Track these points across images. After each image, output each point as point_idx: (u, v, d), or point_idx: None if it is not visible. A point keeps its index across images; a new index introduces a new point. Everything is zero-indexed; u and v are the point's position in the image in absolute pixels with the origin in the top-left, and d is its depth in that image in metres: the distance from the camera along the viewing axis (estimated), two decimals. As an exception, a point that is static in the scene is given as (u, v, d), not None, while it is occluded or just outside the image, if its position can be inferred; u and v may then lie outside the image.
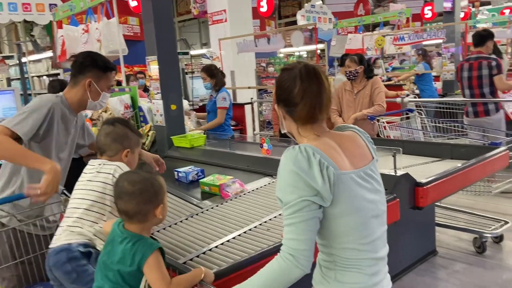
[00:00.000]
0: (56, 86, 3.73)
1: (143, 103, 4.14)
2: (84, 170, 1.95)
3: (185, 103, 5.55)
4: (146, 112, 4.07)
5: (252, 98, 7.05)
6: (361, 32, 9.11)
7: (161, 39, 3.61)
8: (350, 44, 9.11)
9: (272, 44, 4.76)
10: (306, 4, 9.45)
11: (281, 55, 13.77)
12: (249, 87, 6.19)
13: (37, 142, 2.10)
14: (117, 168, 1.86)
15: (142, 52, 4.01)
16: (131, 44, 6.72)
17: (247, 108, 5.75)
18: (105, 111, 4.33)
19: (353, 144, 1.35)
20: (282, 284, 1.20)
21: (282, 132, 1.44)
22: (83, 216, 1.80)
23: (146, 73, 7.32)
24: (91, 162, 1.97)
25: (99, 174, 1.87)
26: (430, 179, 2.42)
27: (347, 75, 4.09)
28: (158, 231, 2.13)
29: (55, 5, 5.61)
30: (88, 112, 4.10)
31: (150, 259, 1.43)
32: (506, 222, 3.45)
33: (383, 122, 3.89)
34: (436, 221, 3.59)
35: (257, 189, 2.57)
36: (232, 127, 5.48)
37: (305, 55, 14.10)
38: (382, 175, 2.28)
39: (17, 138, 2.00)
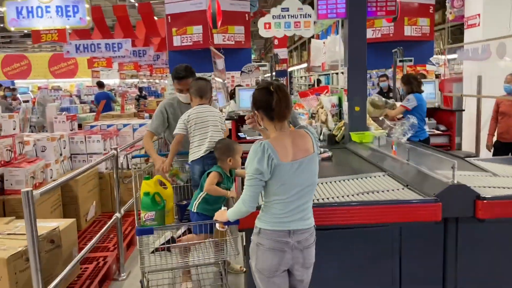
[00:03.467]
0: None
1: (345, 103, 5.15)
2: (201, 110, 3.27)
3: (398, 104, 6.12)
4: (345, 111, 5.07)
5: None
6: None
7: (352, 54, 4.54)
8: None
9: (482, 53, 4.74)
10: None
11: None
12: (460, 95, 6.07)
13: None
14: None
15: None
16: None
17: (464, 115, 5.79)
18: (321, 107, 5.63)
19: (301, 140, 2.16)
20: (240, 213, 2.22)
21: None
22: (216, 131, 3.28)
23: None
24: (203, 106, 3.30)
25: (215, 112, 3.33)
26: (496, 194, 2.57)
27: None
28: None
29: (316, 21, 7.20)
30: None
31: (212, 173, 2.89)
32: None
33: None
34: None
35: (366, 178, 3.27)
36: (439, 131, 5.72)
37: None
38: (437, 180, 2.64)
39: None
